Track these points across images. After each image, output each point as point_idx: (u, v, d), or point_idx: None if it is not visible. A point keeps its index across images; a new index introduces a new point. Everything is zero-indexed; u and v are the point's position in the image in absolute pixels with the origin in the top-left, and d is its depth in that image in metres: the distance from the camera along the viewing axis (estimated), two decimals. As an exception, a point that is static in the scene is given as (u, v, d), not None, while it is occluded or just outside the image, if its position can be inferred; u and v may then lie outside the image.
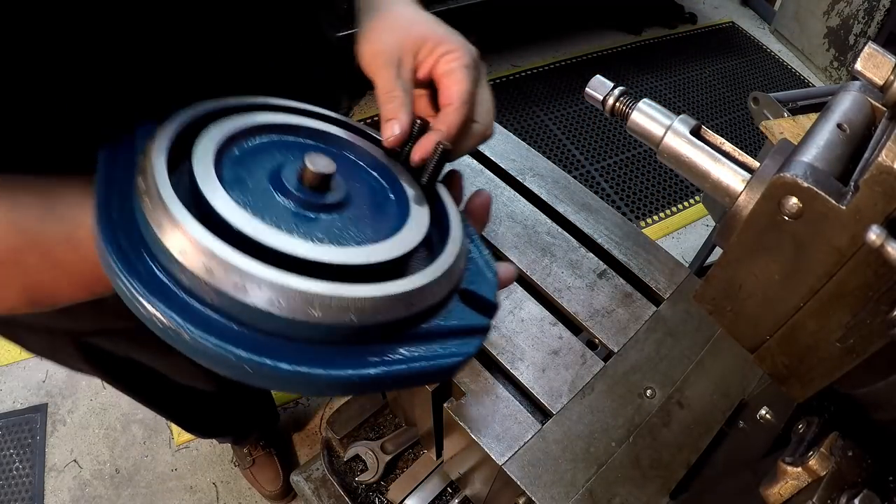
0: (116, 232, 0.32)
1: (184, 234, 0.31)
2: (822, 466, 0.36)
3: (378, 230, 0.40)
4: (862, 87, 0.33)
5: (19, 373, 1.74)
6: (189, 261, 0.30)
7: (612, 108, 0.41)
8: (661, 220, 2.27)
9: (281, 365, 0.30)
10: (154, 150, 0.35)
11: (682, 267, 0.74)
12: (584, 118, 2.59)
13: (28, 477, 1.56)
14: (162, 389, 0.96)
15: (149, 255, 0.32)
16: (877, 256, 0.25)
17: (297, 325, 0.31)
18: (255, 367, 0.29)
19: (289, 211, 0.38)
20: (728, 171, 0.35)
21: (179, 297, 0.31)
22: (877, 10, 2.61)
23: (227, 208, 0.34)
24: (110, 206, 0.33)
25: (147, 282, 0.30)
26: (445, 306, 0.38)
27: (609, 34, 3.03)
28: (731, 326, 0.37)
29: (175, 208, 0.32)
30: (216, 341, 0.29)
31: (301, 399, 1.75)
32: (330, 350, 0.32)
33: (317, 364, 0.31)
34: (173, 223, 0.31)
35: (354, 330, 0.32)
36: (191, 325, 0.30)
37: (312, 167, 0.38)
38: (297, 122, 0.45)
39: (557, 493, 0.56)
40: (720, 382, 0.64)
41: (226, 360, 0.29)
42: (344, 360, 0.32)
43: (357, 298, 0.32)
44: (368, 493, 1.11)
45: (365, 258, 0.35)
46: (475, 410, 0.60)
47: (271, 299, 0.30)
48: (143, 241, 0.32)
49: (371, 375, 0.32)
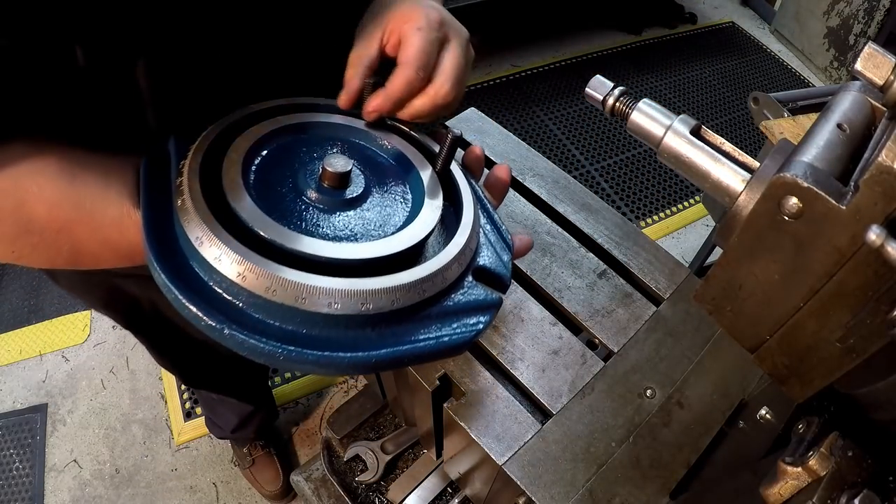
0: (162, 244, 0.38)
1: (219, 247, 0.36)
2: (822, 466, 0.36)
3: (393, 221, 0.44)
4: (862, 87, 0.33)
5: (19, 373, 1.74)
6: (224, 268, 0.36)
7: (612, 108, 0.41)
8: (661, 220, 2.27)
9: (307, 352, 0.35)
10: (188, 170, 0.40)
11: (682, 267, 0.74)
12: (584, 118, 2.59)
13: (28, 477, 1.56)
14: (176, 341, 0.97)
15: (191, 263, 0.37)
16: (877, 256, 0.25)
17: (320, 317, 0.36)
18: (285, 355, 0.35)
19: (311, 211, 0.42)
20: (728, 171, 0.35)
21: (218, 299, 0.36)
22: (877, 10, 2.61)
23: (255, 218, 0.39)
24: (155, 222, 0.39)
25: (191, 287, 0.36)
26: (459, 286, 0.42)
27: (609, 34, 3.03)
28: (731, 326, 0.37)
29: (210, 224, 0.37)
30: (250, 335, 0.35)
31: (301, 399, 1.75)
32: (351, 335, 0.37)
33: (339, 348, 0.36)
34: (209, 237, 0.36)
35: (371, 317, 0.37)
36: (228, 322, 0.35)
37: (330, 168, 0.42)
38: (317, 119, 0.49)
39: (557, 493, 0.56)
40: (720, 382, 0.64)
41: (258, 350, 0.35)
42: (364, 344, 0.37)
43: (371, 291, 0.36)
44: (368, 493, 1.11)
45: (378, 252, 0.40)
46: (475, 410, 0.60)
47: (296, 297, 0.35)
48: (185, 251, 0.38)
49: (386, 355, 0.37)
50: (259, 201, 0.40)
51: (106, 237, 0.43)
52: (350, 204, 0.43)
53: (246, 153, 0.43)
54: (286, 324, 0.36)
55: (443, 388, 0.63)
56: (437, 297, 0.40)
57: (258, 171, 0.43)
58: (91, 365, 1.77)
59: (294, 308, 0.35)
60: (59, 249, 0.43)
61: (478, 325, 0.41)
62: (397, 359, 0.37)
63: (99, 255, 0.45)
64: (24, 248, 0.43)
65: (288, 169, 0.44)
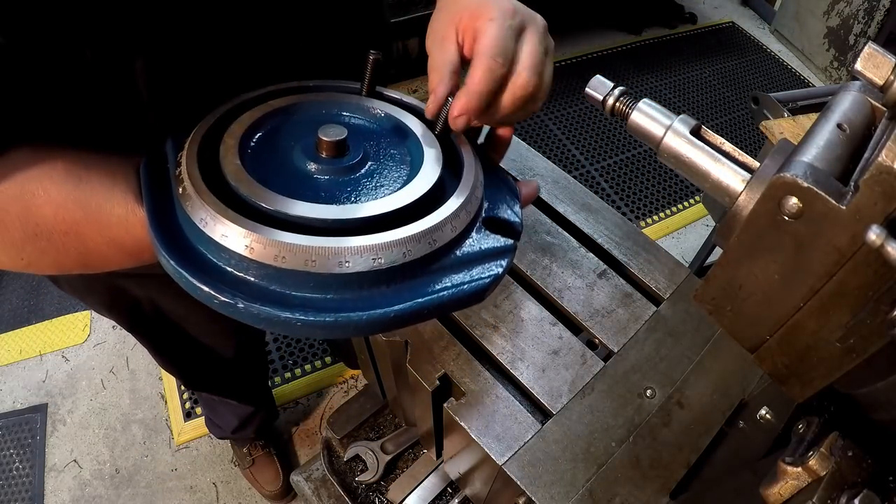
0: (168, 233, 0.38)
1: (223, 224, 0.36)
2: (822, 466, 0.36)
3: (394, 181, 0.45)
4: (862, 87, 0.33)
5: (19, 373, 1.74)
6: (232, 244, 0.36)
7: (612, 108, 0.41)
8: (661, 220, 2.27)
9: (323, 316, 0.35)
10: (186, 159, 0.41)
11: (682, 267, 0.74)
12: (584, 118, 2.59)
13: (28, 477, 1.56)
14: (177, 342, 0.98)
15: (198, 247, 0.38)
16: (877, 256, 0.25)
17: (332, 279, 0.36)
18: (302, 322, 0.35)
19: (312, 180, 0.43)
20: (728, 171, 0.35)
21: (229, 275, 0.36)
22: (877, 10, 2.61)
23: (256, 193, 0.39)
24: (159, 214, 0.40)
25: (201, 268, 0.36)
26: (469, 234, 0.43)
27: (609, 34, 3.03)
28: (731, 326, 0.37)
29: (213, 204, 0.37)
30: (264, 305, 0.35)
31: (301, 399, 1.75)
32: (366, 294, 0.37)
33: (355, 308, 0.36)
34: (213, 216, 0.37)
35: (385, 272, 0.37)
36: (242, 296, 0.35)
37: (326, 137, 0.43)
38: (310, 99, 0.50)
39: (557, 493, 0.56)
40: (720, 382, 0.64)
41: (275, 320, 0.35)
42: (380, 301, 0.37)
43: (381, 245, 0.37)
44: (368, 493, 1.11)
45: (382, 209, 0.40)
46: (475, 410, 0.60)
47: (305, 260, 0.36)
48: (191, 237, 0.38)
49: (405, 309, 0.37)
50: (258, 177, 0.40)
51: (113, 236, 0.44)
52: (350, 170, 0.44)
53: (241, 136, 0.44)
54: (300, 290, 0.36)
55: (443, 388, 0.63)
56: (449, 246, 0.41)
57: (255, 151, 0.44)
58: (91, 365, 1.77)
59: (305, 272, 0.36)
60: (67, 252, 0.44)
61: (495, 270, 0.42)
62: (416, 312, 0.38)
63: (107, 255, 0.46)
64: (34, 253, 0.43)
65: (285, 145, 0.45)
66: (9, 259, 0.43)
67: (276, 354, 1.81)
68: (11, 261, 0.44)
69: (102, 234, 0.43)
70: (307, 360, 1.81)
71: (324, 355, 1.82)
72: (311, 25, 0.58)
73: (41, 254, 0.43)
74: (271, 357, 1.81)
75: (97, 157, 0.44)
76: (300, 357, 1.82)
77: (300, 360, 1.81)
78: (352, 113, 0.51)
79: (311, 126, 0.46)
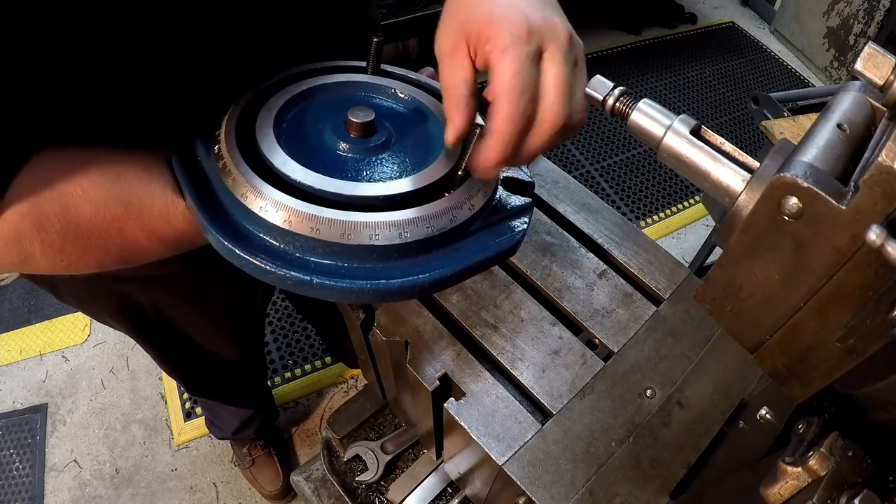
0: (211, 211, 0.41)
1: (263, 198, 0.40)
2: (822, 466, 0.36)
3: (418, 159, 0.48)
4: (862, 87, 0.33)
5: (19, 373, 1.74)
6: (271, 217, 0.40)
7: (612, 108, 0.41)
8: (661, 220, 2.27)
9: (359, 282, 0.39)
10: (224, 137, 0.44)
11: (682, 267, 0.74)
12: (584, 118, 2.59)
13: (28, 477, 1.56)
14: (181, 348, 0.98)
15: (242, 222, 0.41)
16: (877, 256, 0.25)
17: (365, 249, 0.40)
18: (339, 288, 0.39)
19: (341, 158, 0.46)
20: (728, 171, 0.35)
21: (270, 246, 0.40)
22: (877, 10, 2.61)
23: (293, 170, 0.42)
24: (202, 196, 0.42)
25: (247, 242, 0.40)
26: (493, 199, 0.47)
27: (609, 34, 3.03)
28: (731, 326, 0.37)
29: (253, 180, 0.41)
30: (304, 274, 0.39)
31: (301, 399, 1.75)
32: (398, 263, 0.41)
33: (388, 276, 0.40)
34: (253, 191, 0.40)
35: (412, 245, 0.41)
36: (286, 266, 0.39)
37: (355, 119, 0.46)
38: (336, 80, 0.53)
39: (557, 493, 0.56)
40: (720, 382, 0.64)
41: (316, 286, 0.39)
42: (411, 269, 0.41)
43: (405, 220, 0.41)
44: (368, 493, 1.11)
45: (408, 187, 0.44)
46: (475, 410, 0.60)
47: (341, 233, 0.39)
48: (234, 212, 0.42)
49: (439, 275, 0.41)
50: (294, 155, 0.43)
51: (154, 229, 0.45)
52: (376, 150, 0.47)
53: (274, 118, 0.47)
54: (337, 260, 0.40)
55: (443, 388, 0.63)
56: (472, 218, 0.45)
57: (288, 130, 0.47)
58: (91, 365, 1.77)
59: (341, 244, 0.39)
60: (107, 249, 0.44)
61: (521, 227, 0.47)
62: (448, 278, 0.42)
63: (147, 248, 0.46)
64: (74, 253, 0.43)
65: (316, 126, 0.48)
66: (48, 262, 0.43)
67: (276, 355, 1.81)
68: (51, 263, 0.43)
69: (144, 229, 0.44)
70: (307, 360, 1.81)
71: (324, 355, 1.82)
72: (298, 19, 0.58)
73: (82, 252, 0.43)
74: (271, 357, 1.81)
75: (128, 154, 0.45)
76: (300, 357, 1.82)
77: (300, 360, 1.81)
78: (375, 94, 0.54)
79: (338, 108, 0.48)
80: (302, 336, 1.86)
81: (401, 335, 0.65)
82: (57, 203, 0.41)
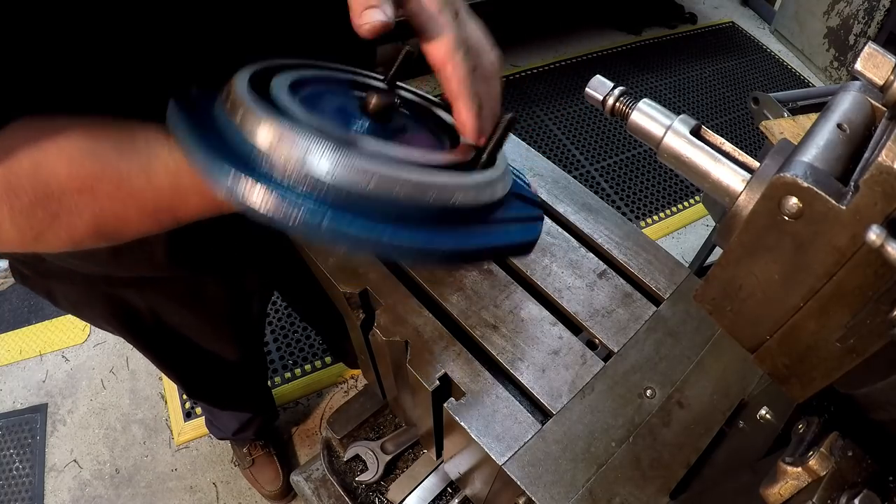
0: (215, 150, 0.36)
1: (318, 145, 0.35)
2: (822, 466, 0.36)
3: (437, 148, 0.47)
4: (862, 87, 0.33)
5: (19, 373, 1.74)
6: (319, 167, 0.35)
7: (612, 108, 0.41)
8: (661, 220, 2.27)
9: (401, 240, 0.36)
10: (237, 84, 0.39)
11: (682, 267, 0.74)
12: (584, 118, 2.59)
13: (28, 477, 1.56)
14: (180, 351, 0.97)
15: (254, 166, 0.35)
16: (877, 256, 0.25)
17: (412, 206, 0.37)
18: (389, 241, 0.36)
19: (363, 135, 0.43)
20: (728, 171, 0.35)
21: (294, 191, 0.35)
22: (877, 10, 2.61)
23: (318, 121, 0.39)
24: (201, 135, 0.37)
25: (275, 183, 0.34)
26: (509, 203, 0.47)
27: (609, 34, 3.03)
28: (731, 326, 0.37)
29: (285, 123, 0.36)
30: (355, 221, 0.35)
31: (301, 399, 1.75)
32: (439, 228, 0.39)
33: (432, 239, 0.38)
34: (291, 138, 0.35)
35: (454, 211, 0.39)
36: (330, 210, 0.34)
37: (375, 99, 0.44)
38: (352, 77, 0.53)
39: (557, 493, 0.56)
40: (720, 382, 0.64)
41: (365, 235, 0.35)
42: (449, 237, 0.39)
43: (458, 185, 0.39)
44: (368, 493, 1.11)
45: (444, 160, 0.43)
46: (475, 410, 0.60)
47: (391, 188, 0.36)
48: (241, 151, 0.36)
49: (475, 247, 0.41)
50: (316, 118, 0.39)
51: (132, 189, 0.41)
52: (395, 133, 0.46)
53: (288, 87, 0.43)
54: (389, 212, 0.37)
55: (443, 388, 0.63)
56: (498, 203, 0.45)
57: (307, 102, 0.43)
58: (91, 365, 1.77)
59: (391, 196, 0.36)
60: (80, 214, 0.41)
61: (536, 228, 0.49)
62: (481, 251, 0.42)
63: (124, 216, 0.43)
64: (45, 218, 0.40)
65: (332, 103, 0.46)
66: (17, 232, 0.41)
67: (275, 355, 1.81)
68: (20, 233, 0.41)
69: (119, 189, 0.41)
70: (307, 360, 1.81)
71: (324, 355, 1.82)
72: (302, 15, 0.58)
73: (52, 218, 0.40)
74: (271, 357, 1.81)
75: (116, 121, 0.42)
76: (300, 357, 1.82)
77: (300, 360, 1.81)
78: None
79: (352, 96, 0.48)
80: (302, 336, 1.86)
81: (401, 335, 0.65)
82: (29, 159, 0.38)
